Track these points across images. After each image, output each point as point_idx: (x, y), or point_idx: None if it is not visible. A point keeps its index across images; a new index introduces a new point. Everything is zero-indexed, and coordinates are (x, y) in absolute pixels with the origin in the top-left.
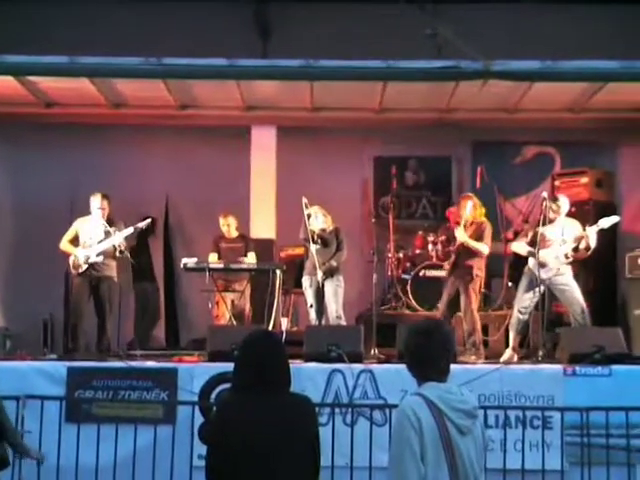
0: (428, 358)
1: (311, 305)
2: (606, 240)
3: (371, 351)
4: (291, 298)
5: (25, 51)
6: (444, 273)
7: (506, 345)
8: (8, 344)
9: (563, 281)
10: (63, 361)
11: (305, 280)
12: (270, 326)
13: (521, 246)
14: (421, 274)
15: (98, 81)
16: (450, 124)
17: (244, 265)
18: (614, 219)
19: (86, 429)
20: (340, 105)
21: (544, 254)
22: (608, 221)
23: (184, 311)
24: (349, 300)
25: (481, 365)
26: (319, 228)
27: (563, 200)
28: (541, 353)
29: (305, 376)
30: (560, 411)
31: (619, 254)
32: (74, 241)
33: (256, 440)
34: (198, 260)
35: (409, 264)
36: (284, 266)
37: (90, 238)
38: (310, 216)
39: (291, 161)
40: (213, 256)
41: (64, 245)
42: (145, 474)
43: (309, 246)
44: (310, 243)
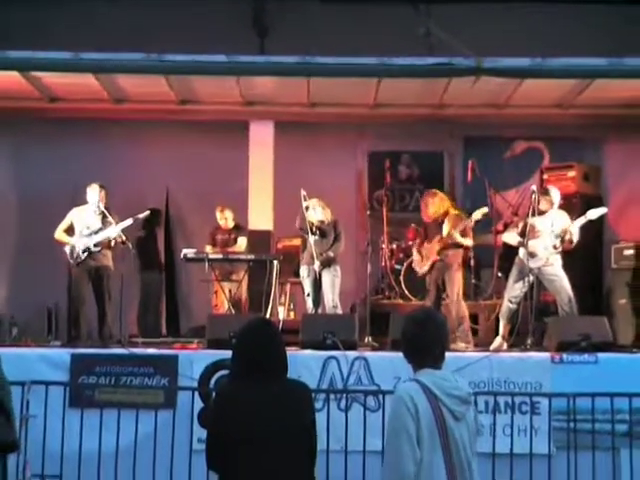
0: (424, 346)
1: (308, 294)
2: (593, 232)
3: (365, 339)
4: (288, 288)
5: (29, 47)
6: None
7: (496, 334)
8: (14, 331)
9: (552, 271)
10: (67, 348)
11: (303, 270)
12: (267, 315)
13: (512, 236)
14: (412, 265)
15: (101, 77)
16: (442, 120)
17: (242, 256)
18: (602, 210)
19: (89, 414)
20: (336, 101)
21: (533, 244)
22: (596, 212)
23: (184, 300)
24: (344, 290)
25: (471, 353)
26: (317, 220)
27: (554, 192)
28: (529, 341)
29: (301, 363)
30: (548, 397)
31: (605, 245)
32: (69, 231)
33: (254, 425)
34: (197, 251)
35: (402, 255)
36: (281, 257)
37: (87, 228)
38: (308, 208)
39: (288, 155)
40: (208, 248)
41: (59, 234)
42: (146, 457)
43: (306, 236)
44: (308, 234)
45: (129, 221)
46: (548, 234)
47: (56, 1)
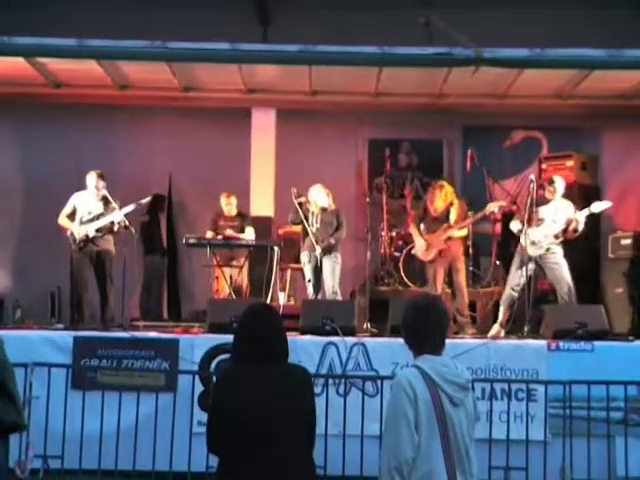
0: (424, 332)
1: (309, 280)
2: (590, 221)
3: (364, 325)
4: (288, 273)
5: (35, 34)
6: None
7: (494, 321)
8: (17, 314)
9: (554, 259)
10: (69, 331)
11: (304, 256)
12: (268, 300)
13: (516, 225)
14: (412, 252)
15: (105, 63)
16: (442, 109)
17: (243, 242)
18: (606, 204)
19: (91, 396)
20: (337, 89)
21: (535, 232)
22: (600, 206)
23: (185, 285)
24: (344, 276)
25: (469, 339)
26: (321, 206)
27: (559, 182)
28: (526, 329)
29: (301, 348)
30: (544, 384)
31: (602, 235)
32: (72, 215)
33: (255, 408)
34: (199, 236)
35: (401, 242)
36: (282, 243)
37: (89, 213)
38: (302, 204)
39: (289, 142)
40: (209, 234)
41: (62, 220)
42: (147, 439)
43: (306, 225)
44: (306, 225)
45: (131, 206)
46: (550, 223)
47: None
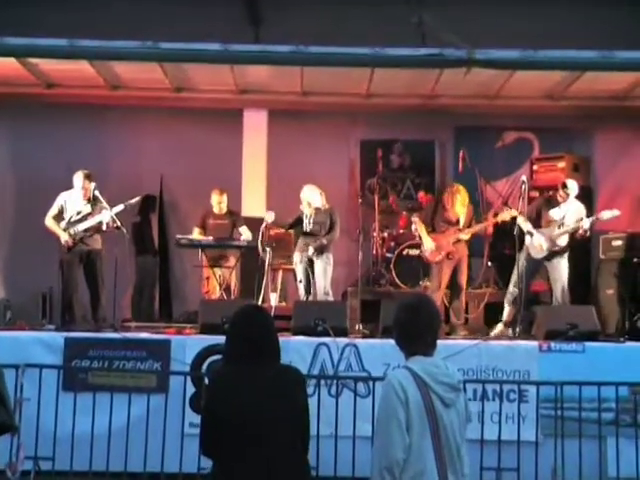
0: (415, 333)
1: (300, 280)
2: None
3: (356, 326)
4: (280, 274)
5: (27, 34)
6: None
7: (484, 322)
8: (8, 315)
9: (557, 261)
10: (61, 332)
11: (296, 256)
12: (259, 301)
13: (526, 225)
14: (404, 253)
15: (97, 64)
16: (434, 109)
17: (235, 242)
18: (614, 213)
19: (82, 397)
20: (329, 90)
21: (541, 234)
22: (609, 214)
23: (177, 285)
24: (336, 277)
25: (461, 340)
26: (314, 207)
27: (572, 185)
28: (518, 330)
29: (292, 349)
30: (535, 385)
31: (593, 236)
32: (58, 216)
33: (248, 409)
34: (190, 237)
35: (393, 243)
36: (273, 244)
37: (77, 213)
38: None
39: (281, 143)
40: (197, 231)
41: (49, 221)
42: (138, 440)
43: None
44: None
45: (120, 207)
46: (558, 226)
47: None
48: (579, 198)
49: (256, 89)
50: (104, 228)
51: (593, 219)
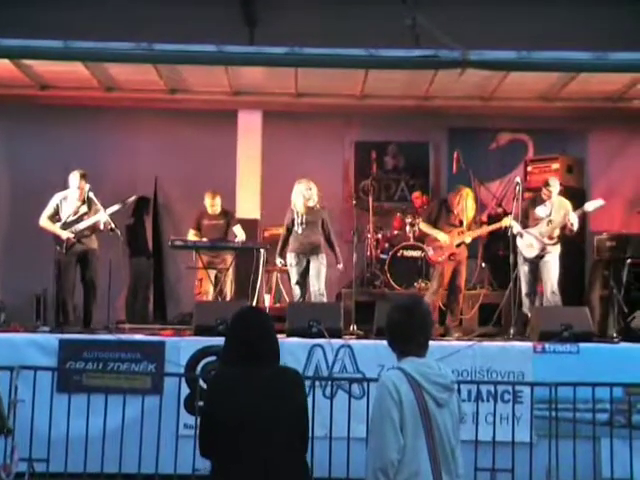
0: (408, 334)
1: (296, 282)
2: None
3: (350, 327)
4: (274, 276)
5: (20, 35)
6: (432, 254)
7: (479, 323)
8: (2, 316)
9: (548, 259)
10: (55, 333)
11: (290, 257)
12: (254, 302)
13: (516, 226)
14: (399, 254)
15: (91, 65)
16: (428, 111)
17: (230, 244)
18: (599, 202)
19: (77, 399)
20: (323, 91)
21: (530, 233)
22: (593, 204)
23: (171, 287)
24: (330, 279)
25: (455, 342)
26: (308, 206)
27: (553, 183)
28: (512, 331)
29: (287, 350)
30: (530, 386)
31: (587, 237)
32: (54, 216)
33: (247, 411)
34: (185, 239)
35: (387, 244)
36: (268, 245)
37: (74, 214)
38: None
39: (276, 144)
40: (192, 232)
41: (44, 222)
42: (133, 442)
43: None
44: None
45: (116, 206)
46: (545, 222)
47: None
48: (573, 198)
49: (251, 90)
50: (101, 227)
51: (579, 212)
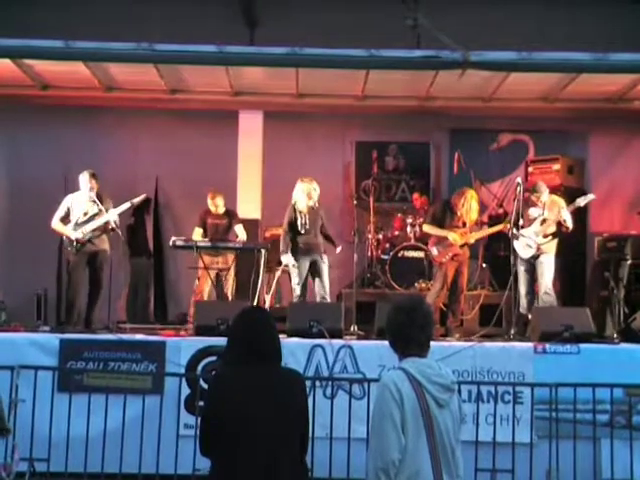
0: (409, 334)
1: (297, 282)
2: (577, 224)
3: (351, 328)
4: (274, 276)
5: (22, 35)
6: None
7: (480, 323)
8: (3, 316)
9: (542, 259)
10: (56, 333)
11: (293, 258)
12: (254, 302)
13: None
14: (400, 255)
15: (92, 65)
16: (429, 112)
17: (230, 244)
18: (589, 197)
19: (77, 398)
20: (324, 92)
21: (525, 233)
22: (584, 199)
23: (172, 287)
24: (331, 278)
25: (456, 342)
26: (308, 205)
27: (540, 186)
28: (513, 331)
29: (287, 350)
30: (530, 387)
31: (588, 237)
32: (65, 218)
33: (248, 411)
34: (186, 238)
35: (388, 245)
36: (269, 245)
37: (85, 214)
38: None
39: (276, 144)
40: (198, 231)
41: (57, 225)
42: (134, 442)
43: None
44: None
45: (127, 205)
46: (539, 222)
47: None
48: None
49: (251, 91)
50: (111, 227)
51: (572, 207)
